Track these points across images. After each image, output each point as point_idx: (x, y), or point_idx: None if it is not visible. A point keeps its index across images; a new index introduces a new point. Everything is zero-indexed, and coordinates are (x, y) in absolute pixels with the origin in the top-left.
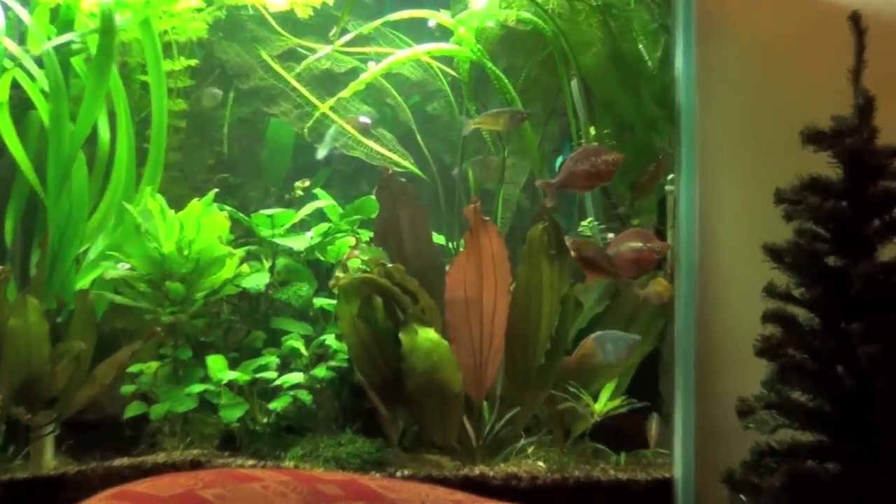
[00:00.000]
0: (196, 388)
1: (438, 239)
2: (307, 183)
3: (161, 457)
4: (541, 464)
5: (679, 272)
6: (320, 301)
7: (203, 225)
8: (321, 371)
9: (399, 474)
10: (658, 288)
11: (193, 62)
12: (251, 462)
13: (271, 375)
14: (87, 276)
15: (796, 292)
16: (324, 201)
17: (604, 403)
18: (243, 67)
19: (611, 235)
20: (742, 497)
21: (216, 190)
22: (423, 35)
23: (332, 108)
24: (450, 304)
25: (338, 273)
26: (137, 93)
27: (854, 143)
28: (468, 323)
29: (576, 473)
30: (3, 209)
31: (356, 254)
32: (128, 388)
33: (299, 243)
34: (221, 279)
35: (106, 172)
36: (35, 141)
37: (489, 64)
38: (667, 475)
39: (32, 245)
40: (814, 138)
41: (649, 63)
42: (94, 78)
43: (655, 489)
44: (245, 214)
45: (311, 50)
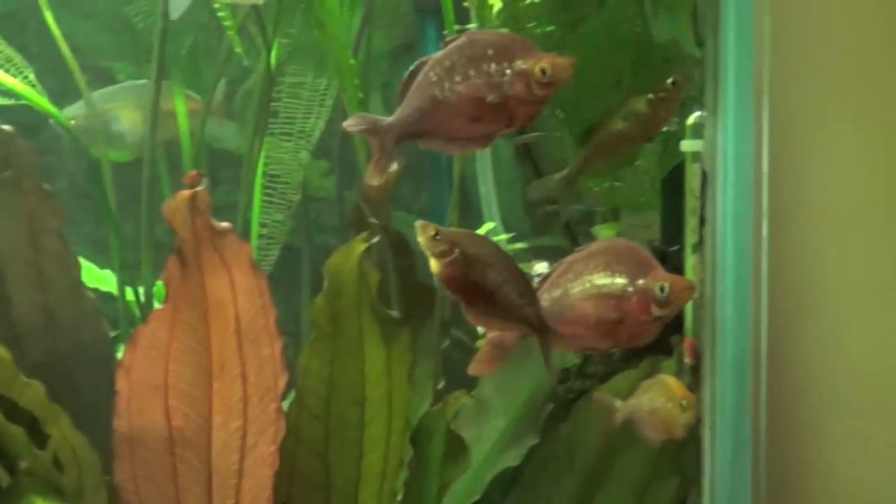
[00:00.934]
0: None
1: (102, 278)
2: None
3: None
4: None
5: (717, 348)
6: None
7: None
8: None
9: None
10: (663, 401)
11: None
12: None
13: None
14: None
15: None
16: None
17: None
18: None
19: (542, 265)
20: None
21: None
22: None
23: None
24: (127, 440)
25: None
26: None
27: None
28: (173, 483)
29: None
30: None
31: None
32: None
33: None
34: None
35: None
36: None
37: None
38: None
39: None
40: None
41: None
42: None
43: None
44: None
45: None
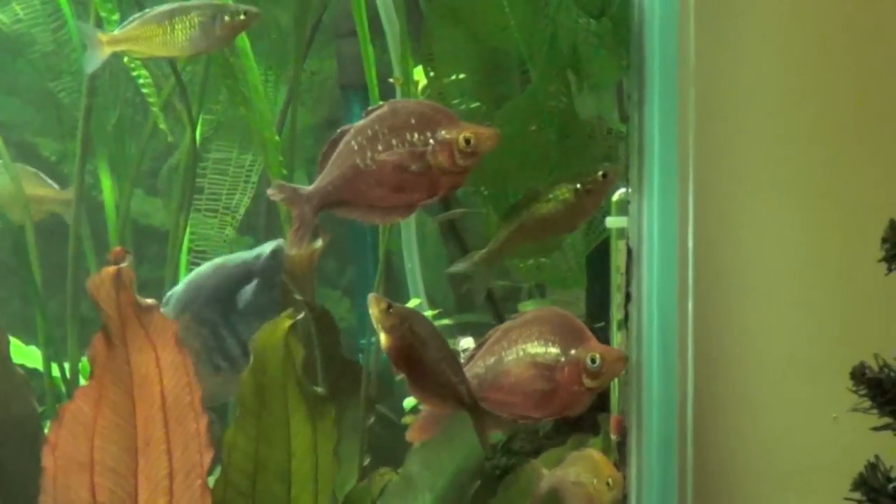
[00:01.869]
0: None
1: (28, 354)
2: None
3: None
4: None
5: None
6: None
7: None
8: None
9: None
10: (589, 477)
11: None
12: None
13: None
14: None
15: None
16: None
17: None
18: None
19: (467, 340)
20: None
21: None
22: None
23: None
24: None
25: None
26: None
27: None
28: None
29: None
30: None
31: None
32: None
33: None
34: None
35: None
36: None
37: None
38: None
39: None
40: None
41: None
42: None
43: None
44: None
45: None
